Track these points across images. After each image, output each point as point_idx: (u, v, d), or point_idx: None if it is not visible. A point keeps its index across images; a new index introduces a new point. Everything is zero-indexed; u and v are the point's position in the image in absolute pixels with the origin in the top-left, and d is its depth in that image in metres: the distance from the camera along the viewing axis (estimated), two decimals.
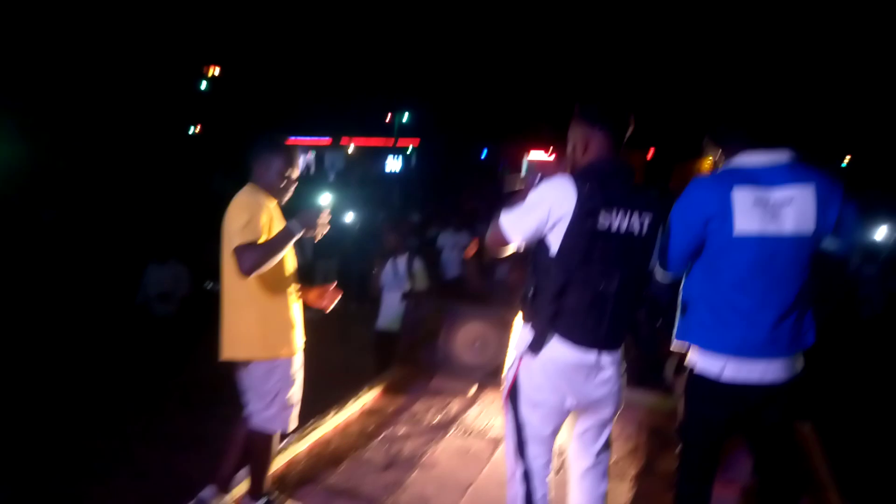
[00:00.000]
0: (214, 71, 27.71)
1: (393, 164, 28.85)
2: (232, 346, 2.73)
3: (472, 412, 4.16)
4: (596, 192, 2.10)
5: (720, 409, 2.32)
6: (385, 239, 5.29)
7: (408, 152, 29.80)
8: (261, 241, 2.57)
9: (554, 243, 2.15)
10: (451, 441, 3.76)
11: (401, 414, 4.10)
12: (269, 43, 27.46)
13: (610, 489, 3.26)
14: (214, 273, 2.83)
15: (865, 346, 7.52)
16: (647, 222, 2.20)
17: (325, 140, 29.16)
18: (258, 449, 2.84)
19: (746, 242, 2.18)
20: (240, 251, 2.50)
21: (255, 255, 2.51)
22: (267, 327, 2.73)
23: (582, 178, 2.14)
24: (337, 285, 3.09)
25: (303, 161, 26.93)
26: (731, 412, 2.32)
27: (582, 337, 2.17)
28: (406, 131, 29.08)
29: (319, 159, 28.22)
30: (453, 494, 3.16)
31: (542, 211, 2.13)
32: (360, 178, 17.83)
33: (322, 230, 2.67)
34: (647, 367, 3.93)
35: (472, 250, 5.34)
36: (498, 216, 2.25)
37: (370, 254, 7.01)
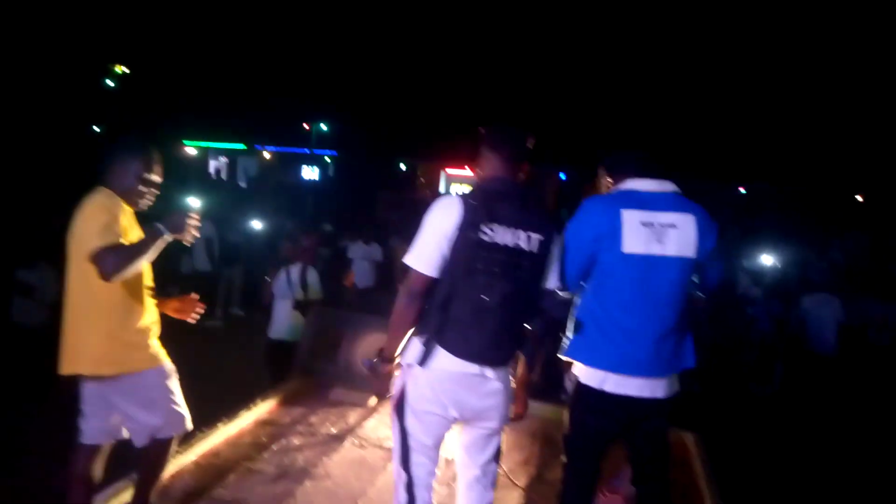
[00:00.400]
0: (122, 69, 26.54)
1: (308, 173, 28.48)
2: (75, 359, 2.53)
3: (370, 423, 4.12)
4: (479, 208, 2.19)
5: (601, 419, 2.43)
6: (281, 247, 5.22)
7: (325, 162, 29.51)
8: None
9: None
10: (345, 452, 3.71)
11: (296, 425, 4.01)
12: (182, 44, 26.64)
13: (501, 497, 3.34)
14: None
15: (754, 365, 8.00)
16: (536, 239, 2.26)
17: (239, 145, 28.47)
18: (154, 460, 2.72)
19: (633, 261, 2.30)
20: (102, 253, 2.32)
21: (119, 257, 2.34)
22: (116, 341, 2.53)
23: (470, 195, 2.26)
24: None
25: (213, 166, 26.23)
26: (611, 423, 2.43)
27: (466, 350, 2.21)
28: (324, 141, 28.83)
29: (232, 165, 27.50)
30: None
31: (433, 233, 2.21)
32: (273, 185, 17.46)
33: (191, 233, 2.52)
34: (545, 380, 4.04)
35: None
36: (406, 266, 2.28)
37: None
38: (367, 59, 28.16)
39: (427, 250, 2.21)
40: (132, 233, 2.54)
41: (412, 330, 2.29)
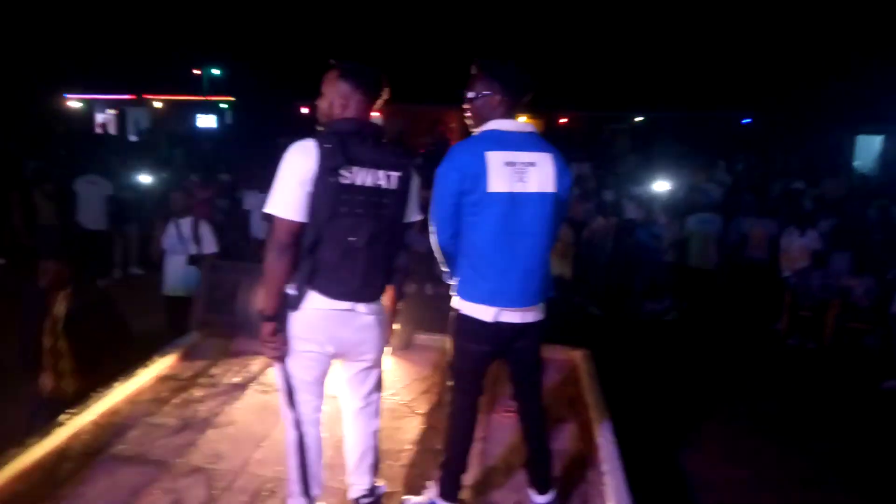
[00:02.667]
0: None
1: (204, 121, 27.26)
2: None
3: (272, 370, 4.18)
4: (336, 152, 2.22)
5: (479, 343, 2.60)
6: (171, 200, 5.10)
7: (221, 109, 28.28)
8: None
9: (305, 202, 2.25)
10: (249, 398, 3.79)
11: (197, 377, 4.03)
12: None
13: (402, 425, 3.54)
14: None
15: (646, 285, 8.51)
16: (395, 177, 2.35)
17: (128, 95, 26.83)
18: None
19: (498, 199, 2.42)
20: None
21: None
22: None
23: (325, 137, 2.27)
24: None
25: (100, 118, 24.68)
26: (487, 345, 2.61)
27: (337, 290, 2.30)
28: (219, 87, 27.55)
29: (121, 117, 25.94)
30: (247, 448, 3.22)
31: (293, 179, 2.22)
32: (166, 136, 16.67)
33: None
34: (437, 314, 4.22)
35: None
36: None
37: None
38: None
39: (288, 196, 2.23)
40: None
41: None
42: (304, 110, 23.96)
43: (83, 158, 12.00)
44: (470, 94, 2.57)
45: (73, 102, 26.96)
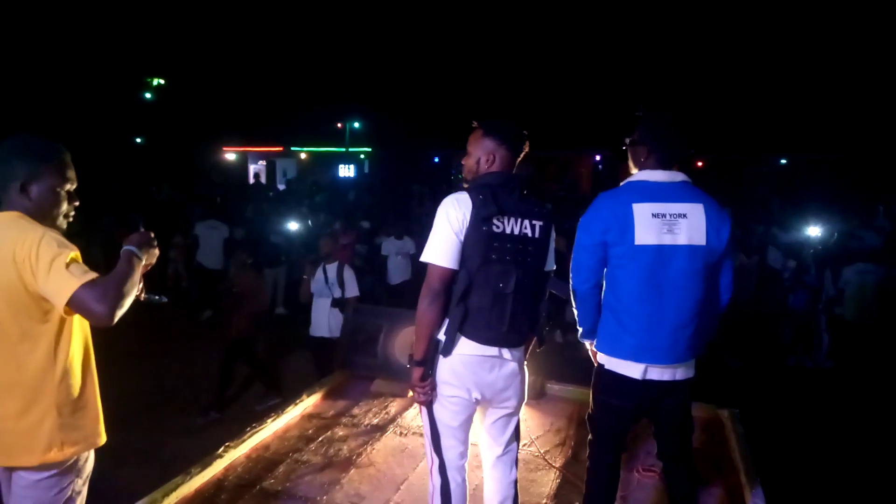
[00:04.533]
0: (159, 81, 27.30)
1: (344, 171, 28.84)
2: (18, 447, 2.03)
3: (410, 413, 4.29)
4: (488, 202, 2.32)
5: (622, 399, 2.54)
6: (321, 245, 5.41)
7: (360, 159, 29.82)
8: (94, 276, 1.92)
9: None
10: (388, 440, 3.89)
11: (340, 417, 4.20)
12: (215, 52, 27.24)
13: (539, 478, 3.49)
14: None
15: (793, 338, 7.94)
16: (538, 226, 2.42)
17: (277, 147, 28.99)
18: None
19: (645, 252, 2.38)
20: (86, 292, 1.86)
21: (109, 290, 1.89)
22: (69, 416, 2.08)
23: (476, 190, 2.37)
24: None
25: (253, 169, 26.76)
26: (632, 402, 2.53)
27: (486, 336, 2.36)
28: (358, 138, 29.14)
29: (270, 167, 28.01)
30: (387, 490, 3.30)
31: (449, 229, 2.32)
32: (310, 185, 17.77)
33: (155, 255, 2.20)
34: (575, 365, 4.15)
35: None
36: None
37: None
38: (395, 53, 28.36)
39: (444, 245, 2.33)
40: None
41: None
42: (436, 159, 24.82)
43: (239, 205, 13.07)
44: (627, 140, 2.57)
45: (230, 154, 29.50)
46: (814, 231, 9.77)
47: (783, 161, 25.19)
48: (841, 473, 5.25)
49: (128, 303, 1.96)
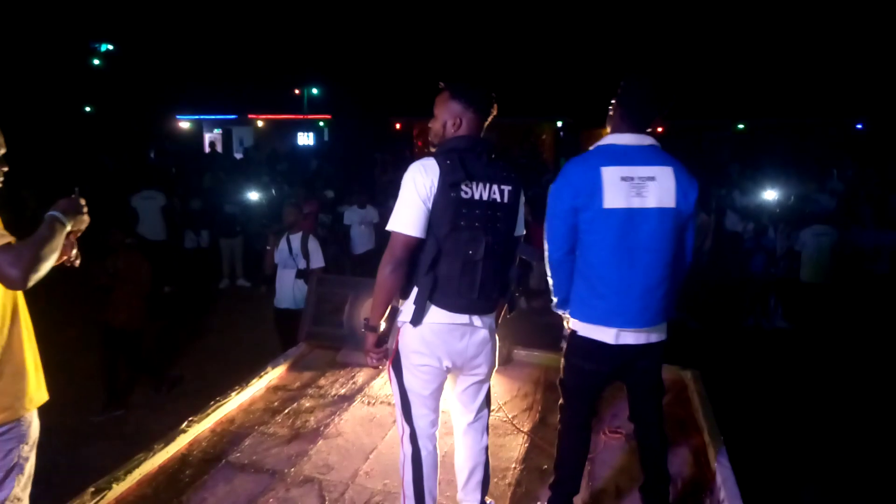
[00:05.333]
0: (109, 47, 26.28)
1: (304, 139, 28.33)
2: None
3: (378, 382, 4.26)
4: (456, 167, 2.26)
5: (595, 363, 2.54)
6: (284, 215, 5.29)
7: (320, 126, 29.30)
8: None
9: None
10: (355, 410, 3.86)
11: (306, 388, 4.15)
12: (166, 19, 26.29)
13: (507, 443, 3.50)
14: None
15: (750, 300, 8.12)
16: (507, 191, 2.37)
17: (232, 115, 28.27)
18: None
19: (614, 215, 2.35)
20: (0, 254, 1.83)
21: (29, 253, 1.85)
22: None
23: (443, 155, 2.30)
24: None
25: (209, 138, 26.08)
26: (604, 366, 2.54)
27: (456, 304, 2.32)
28: (318, 106, 28.57)
29: (227, 136, 27.32)
30: (356, 460, 3.28)
31: (416, 196, 2.25)
32: (268, 153, 17.38)
33: (85, 221, 2.18)
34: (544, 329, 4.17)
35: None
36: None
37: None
38: (353, 17, 27.77)
39: (410, 213, 2.27)
40: None
41: (406, 294, 2.37)
42: (398, 126, 24.51)
43: (195, 175, 12.74)
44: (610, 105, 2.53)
45: (184, 123, 28.69)
46: (771, 195, 9.96)
47: (741, 126, 25.57)
48: (799, 431, 5.42)
49: (45, 268, 1.91)
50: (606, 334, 2.44)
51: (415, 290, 2.34)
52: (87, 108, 27.82)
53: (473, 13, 26.49)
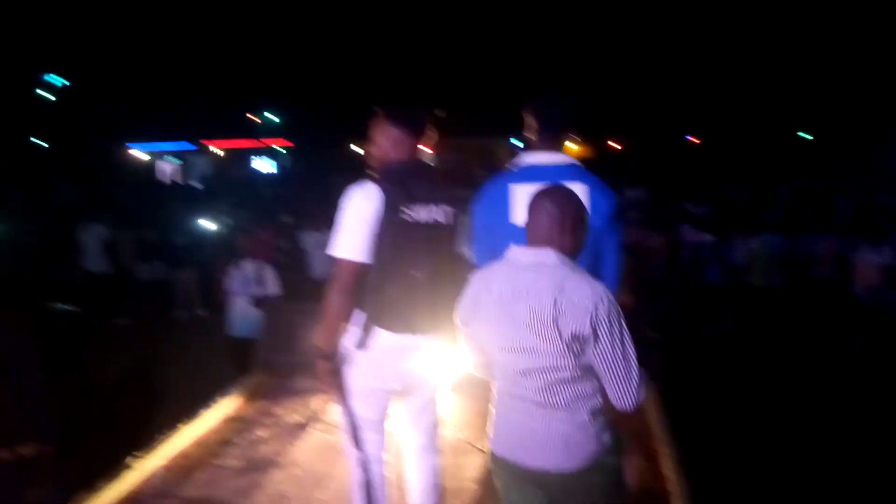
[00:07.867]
0: (60, 79, 25.84)
1: (262, 166, 28.15)
2: None
3: (333, 408, 4.20)
4: (397, 190, 2.29)
5: None
6: (238, 243, 5.25)
7: (279, 153, 29.17)
8: None
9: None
10: (311, 438, 3.81)
11: (261, 417, 4.09)
12: (120, 49, 25.94)
13: (466, 462, 3.49)
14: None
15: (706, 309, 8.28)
16: (448, 211, 2.40)
17: (190, 145, 27.97)
18: None
19: (521, 231, 2.39)
20: None
21: None
22: None
23: (384, 179, 2.33)
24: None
25: (165, 168, 25.77)
26: None
27: (402, 325, 2.32)
28: (277, 132, 28.45)
29: (185, 166, 27.03)
30: (311, 489, 3.23)
31: (357, 220, 2.27)
32: (228, 182, 17.24)
33: None
34: None
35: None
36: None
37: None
38: (310, 42, 27.77)
39: (353, 238, 2.27)
40: None
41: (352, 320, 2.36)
42: (358, 150, 24.55)
43: (150, 207, 12.56)
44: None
45: (140, 154, 28.26)
46: (718, 206, 10.25)
47: (695, 140, 26.24)
48: (754, 435, 5.51)
49: None
50: None
51: (360, 314, 2.34)
52: (40, 142, 27.24)
53: (434, 32, 26.72)
